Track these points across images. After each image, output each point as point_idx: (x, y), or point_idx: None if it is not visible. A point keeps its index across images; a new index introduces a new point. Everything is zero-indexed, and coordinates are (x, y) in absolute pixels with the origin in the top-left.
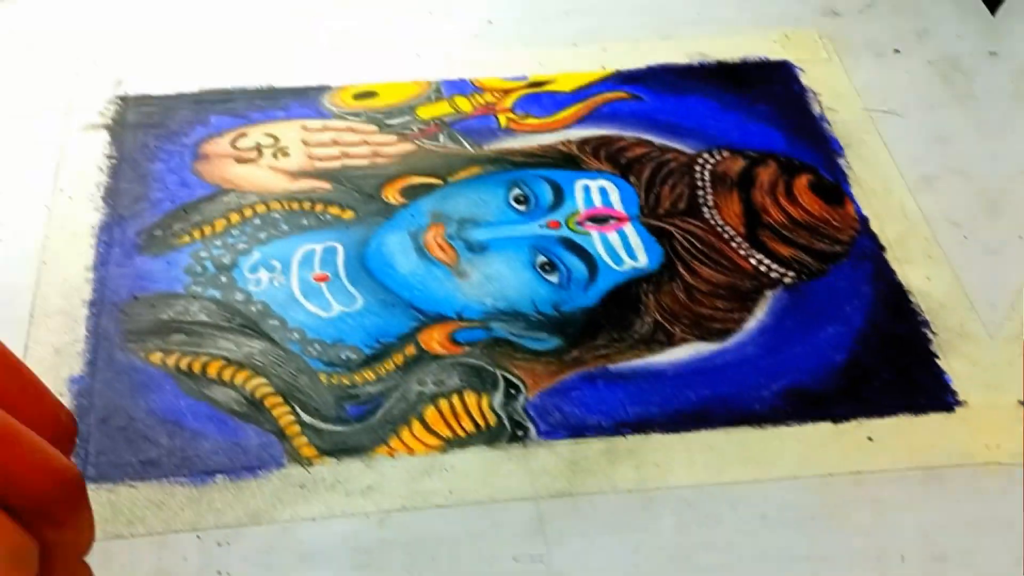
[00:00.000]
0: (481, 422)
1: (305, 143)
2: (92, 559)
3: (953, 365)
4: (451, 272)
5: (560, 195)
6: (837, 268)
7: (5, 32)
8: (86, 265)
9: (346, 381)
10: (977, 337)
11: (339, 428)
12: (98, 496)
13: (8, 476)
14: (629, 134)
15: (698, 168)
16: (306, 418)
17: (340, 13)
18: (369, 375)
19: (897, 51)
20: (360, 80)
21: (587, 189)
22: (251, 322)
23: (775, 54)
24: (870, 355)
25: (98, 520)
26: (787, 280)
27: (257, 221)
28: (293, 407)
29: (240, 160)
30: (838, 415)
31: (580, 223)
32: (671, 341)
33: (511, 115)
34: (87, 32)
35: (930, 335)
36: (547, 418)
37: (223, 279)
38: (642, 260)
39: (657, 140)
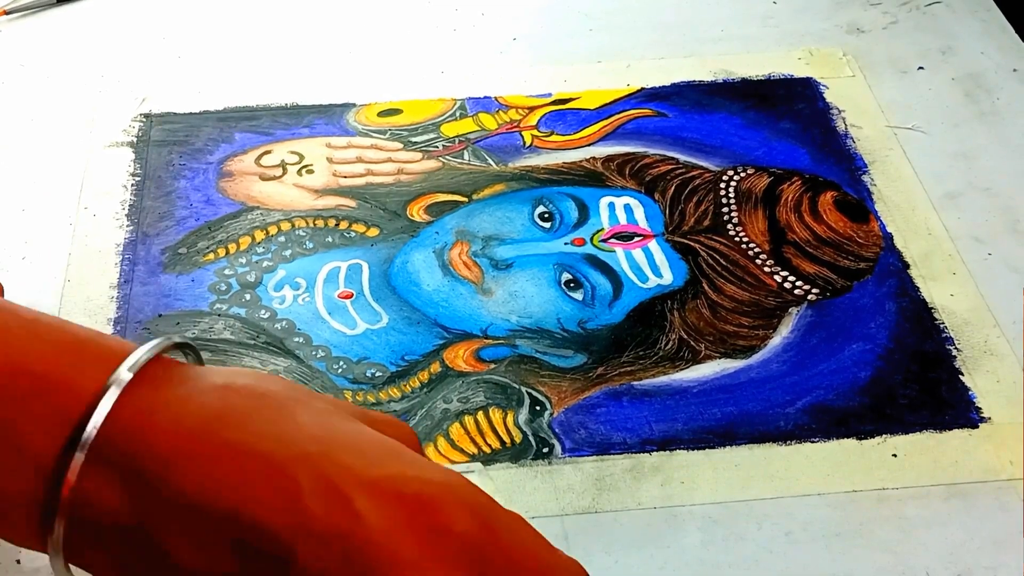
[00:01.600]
0: (506, 439)
1: (330, 160)
2: None
3: (977, 382)
4: (476, 290)
5: (585, 212)
6: (861, 285)
7: (29, 50)
8: (110, 283)
9: (371, 398)
10: (1001, 354)
11: None
12: None
13: None
14: (654, 151)
15: (723, 185)
16: None
17: (365, 30)
18: (394, 392)
19: (921, 68)
20: (385, 97)
21: (612, 206)
22: (276, 340)
23: (799, 71)
24: (894, 372)
25: None
26: (811, 297)
27: (282, 239)
28: None
29: (265, 177)
30: (862, 432)
31: (605, 240)
32: (696, 358)
33: (536, 132)
34: (111, 49)
35: (954, 352)
36: (572, 435)
37: (248, 297)
38: (667, 277)
39: (682, 157)
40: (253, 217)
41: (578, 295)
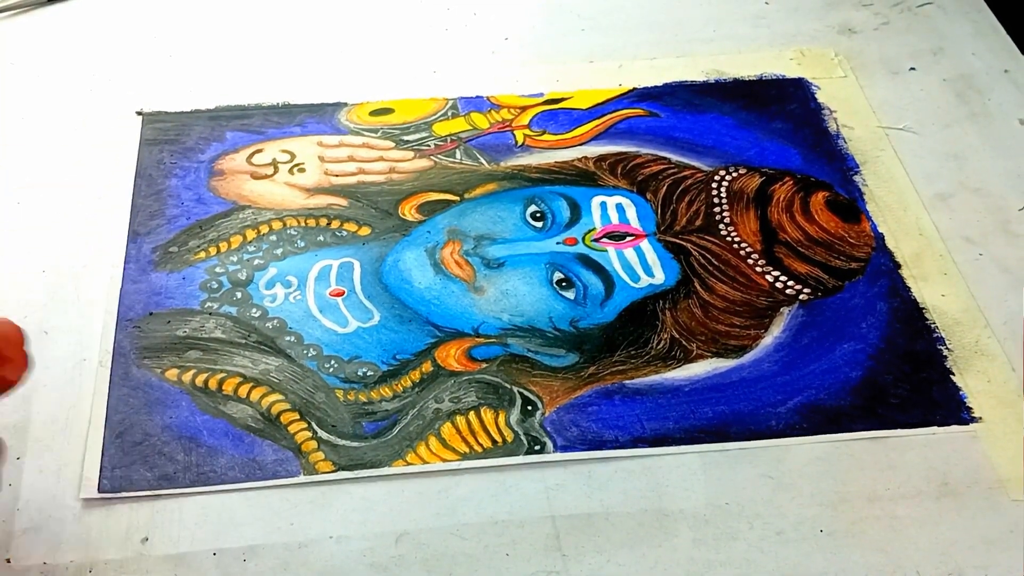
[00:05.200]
0: (498, 438)
1: (321, 159)
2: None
3: (968, 382)
4: (468, 288)
5: (577, 212)
6: (853, 285)
7: (20, 49)
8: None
9: (363, 398)
10: (992, 354)
11: (356, 444)
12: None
13: None
14: (646, 151)
15: (715, 185)
16: (323, 434)
17: (357, 30)
18: (386, 391)
19: (912, 69)
20: (377, 97)
21: (604, 205)
22: (267, 339)
23: (791, 71)
24: (886, 371)
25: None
26: (803, 297)
27: (273, 237)
28: (310, 423)
29: (256, 176)
30: (854, 431)
31: (597, 240)
32: (688, 357)
33: (528, 131)
34: (102, 48)
35: (945, 352)
36: (564, 433)
37: (239, 295)
38: (659, 277)
39: (674, 157)
40: (244, 216)
41: (570, 294)
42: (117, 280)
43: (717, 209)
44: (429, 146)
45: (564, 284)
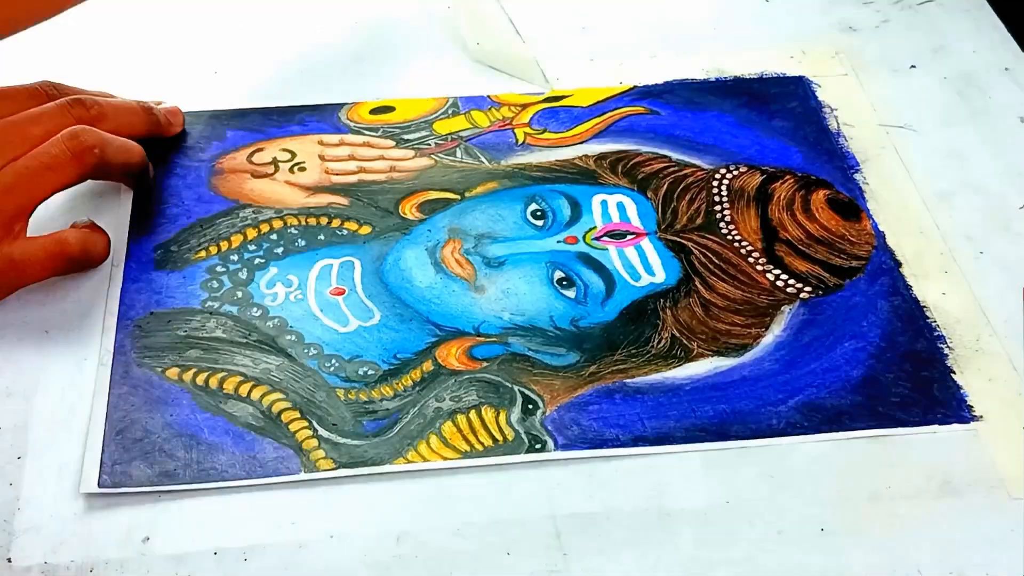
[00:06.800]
0: (499, 437)
1: (322, 158)
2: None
3: (969, 380)
4: (469, 287)
5: (577, 210)
6: (854, 283)
7: (22, 50)
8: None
9: (363, 397)
10: (993, 352)
11: (356, 442)
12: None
13: None
14: (647, 149)
15: (715, 183)
16: (323, 432)
17: (357, 28)
18: (386, 391)
19: (913, 67)
20: (377, 95)
21: (604, 204)
22: (268, 338)
23: (792, 70)
24: (886, 370)
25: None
26: (804, 295)
27: (274, 236)
28: (310, 422)
29: (257, 175)
30: (854, 430)
31: (598, 238)
32: (688, 356)
33: (528, 130)
34: (101, 49)
35: (946, 350)
36: (565, 432)
37: (239, 294)
38: (659, 275)
39: (675, 155)
40: (245, 215)
41: (571, 293)
42: (117, 279)
43: (718, 207)
44: (430, 144)
45: (565, 283)
